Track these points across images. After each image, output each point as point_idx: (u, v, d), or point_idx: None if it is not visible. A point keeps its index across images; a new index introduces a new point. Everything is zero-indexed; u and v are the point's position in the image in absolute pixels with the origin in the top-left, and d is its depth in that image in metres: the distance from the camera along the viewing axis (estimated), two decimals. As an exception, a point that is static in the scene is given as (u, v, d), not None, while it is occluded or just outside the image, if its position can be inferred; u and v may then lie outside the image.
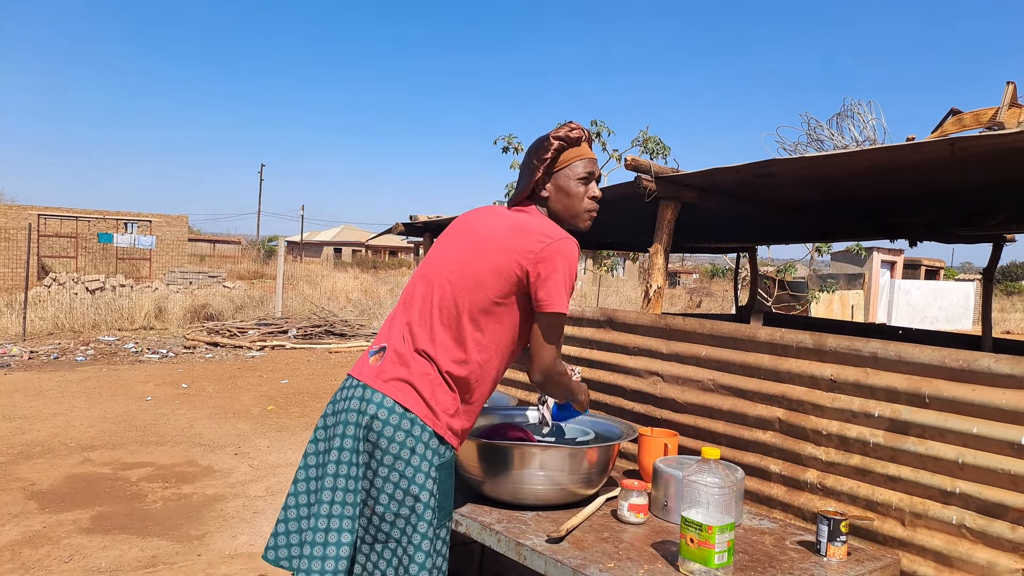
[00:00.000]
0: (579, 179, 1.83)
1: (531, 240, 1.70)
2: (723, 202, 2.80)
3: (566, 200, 1.83)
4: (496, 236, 1.75)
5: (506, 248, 1.71)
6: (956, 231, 3.50)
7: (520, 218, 1.79)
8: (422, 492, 1.61)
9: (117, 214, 23.93)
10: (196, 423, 6.50)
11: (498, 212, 1.87)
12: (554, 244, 1.69)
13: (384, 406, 1.64)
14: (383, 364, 1.70)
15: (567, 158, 1.83)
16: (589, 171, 1.85)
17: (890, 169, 2.20)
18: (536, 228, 1.73)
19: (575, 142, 1.84)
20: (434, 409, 1.66)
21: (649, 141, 11.10)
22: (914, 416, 1.88)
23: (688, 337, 2.45)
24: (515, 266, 1.69)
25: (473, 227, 1.83)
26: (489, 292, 1.70)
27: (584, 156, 1.85)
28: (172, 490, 4.71)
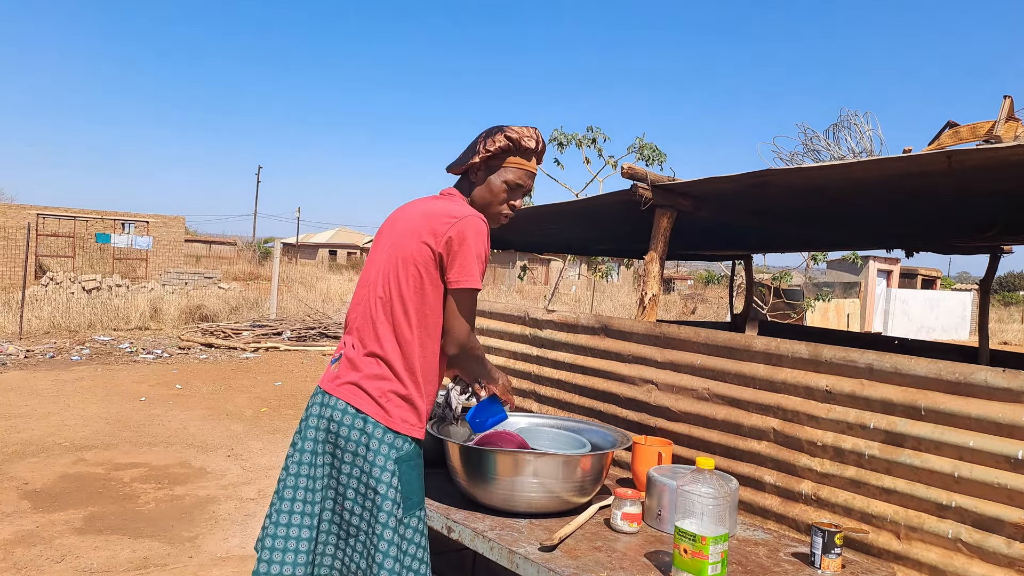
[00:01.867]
0: (508, 186, 1.86)
1: (438, 222, 1.75)
2: (719, 211, 2.80)
3: (487, 195, 1.87)
4: (409, 226, 1.80)
5: (417, 233, 1.77)
6: (953, 242, 3.50)
7: (434, 204, 1.83)
8: (379, 484, 1.70)
9: (114, 214, 23.89)
10: (189, 424, 6.47)
11: (418, 202, 1.91)
12: (459, 223, 1.73)
13: (338, 408, 1.77)
14: (339, 370, 1.83)
15: (509, 161, 1.85)
16: (521, 183, 1.87)
17: (887, 180, 2.20)
18: (444, 210, 1.78)
19: (524, 152, 1.87)
20: (385, 407, 1.76)
21: (645, 148, 11.10)
22: (910, 428, 1.88)
23: (683, 345, 2.44)
24: (427, 250, 1.75)
25: (393, 221, 1.90)
26: (413, 280, 1.77)
27: (524, 168, 1.87)
28: (165, 491, 4.68)
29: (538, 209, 3.36)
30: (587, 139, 11.48)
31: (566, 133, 11.40)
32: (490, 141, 1.85)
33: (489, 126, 1.92)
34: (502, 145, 1.83)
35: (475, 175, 1.87)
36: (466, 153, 1.90)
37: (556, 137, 11.32)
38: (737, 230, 3.37)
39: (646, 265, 2.63)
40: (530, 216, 3.56)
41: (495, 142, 1.84)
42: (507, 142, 1.83)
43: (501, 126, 1.89)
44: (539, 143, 1.88)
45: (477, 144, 1.87)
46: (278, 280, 15.57)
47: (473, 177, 1.88)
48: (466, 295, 1.76)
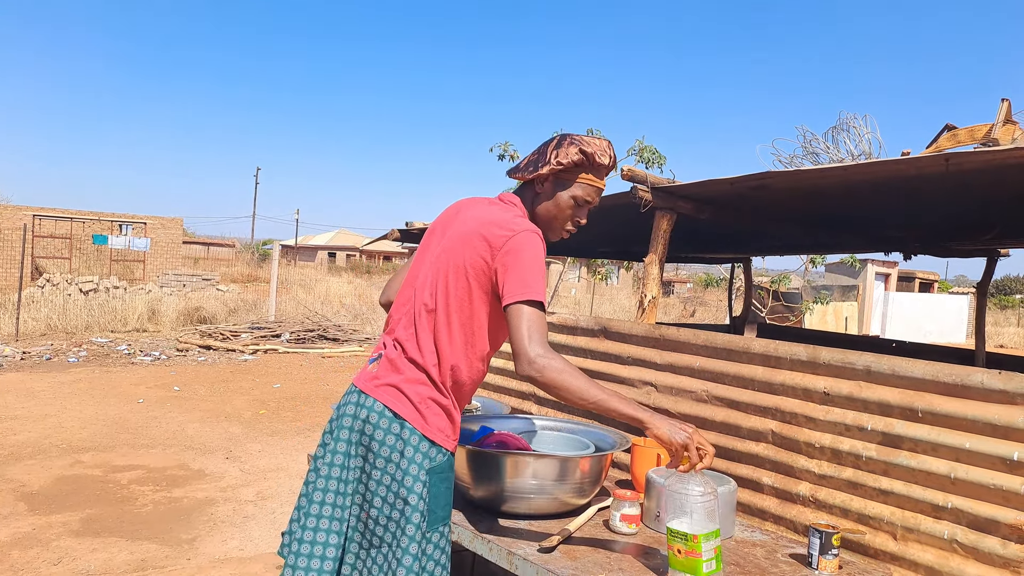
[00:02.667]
0: (576, 202, 1.78)
1: (495, 233, 1.65)
2: (718, 213, 2.81)
3: (553, 210, 1.78)
4: (464, 230, 1.71)
5: (471, 241, 1.68)
6: (950, 245, 3.51)
7: (492, 211, 1.73)
8: (410, 495, 1.62)
9: (112, 215, 23.87)
10: (187, 426, 6.47)
11: (476, 203, 1.81)
12: (516, 237, 1.63)
13: (375, 410, 1.68)
14: (378, 371, 1.74)
15: (581, 178, 1.77)
16: (590, 200, 1.79)
17: (885, 183, 2.21)
18: (501, 221, 1.67)
19: (596, 169, 1.78)
20: (424, 414, 1.67)
21: (645, 150, 11.13)
22: (907, 430, 1.88)
23: (682, 348, 2.45)
24: (480, 262, 1.65)
25: (448, 220, 1.81)
26: (462, 292, 1.68)
27: (595, 185, 1.79)
28: (162, 493, 4.68)
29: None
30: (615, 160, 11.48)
31: (565, 135, 11.41)
32: (562, 153, 1.74)
33: (559, 133, 1.81)
34: (576, 159, 1.73)
35: (541, 186, 1.78)
36: (534, 161, 1.79)
37: (555, 139, 11.34)
38: (737, 233, 3.38)
39: (646, 267, 2.63)
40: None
41: (568, 155, 1.73)
42: (581, 156, 1.73)
43: (573, 136, 1.78)
44: (612, 160, 1.79)
45: (548, 154, 1.76)
46: (277, 282, 15.57)
47: (539, 188, 1.78)
48: (524, 310, 1.57)
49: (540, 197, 1.79)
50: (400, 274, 1.99)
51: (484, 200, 1.84)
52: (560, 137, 1.79)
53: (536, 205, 1.80)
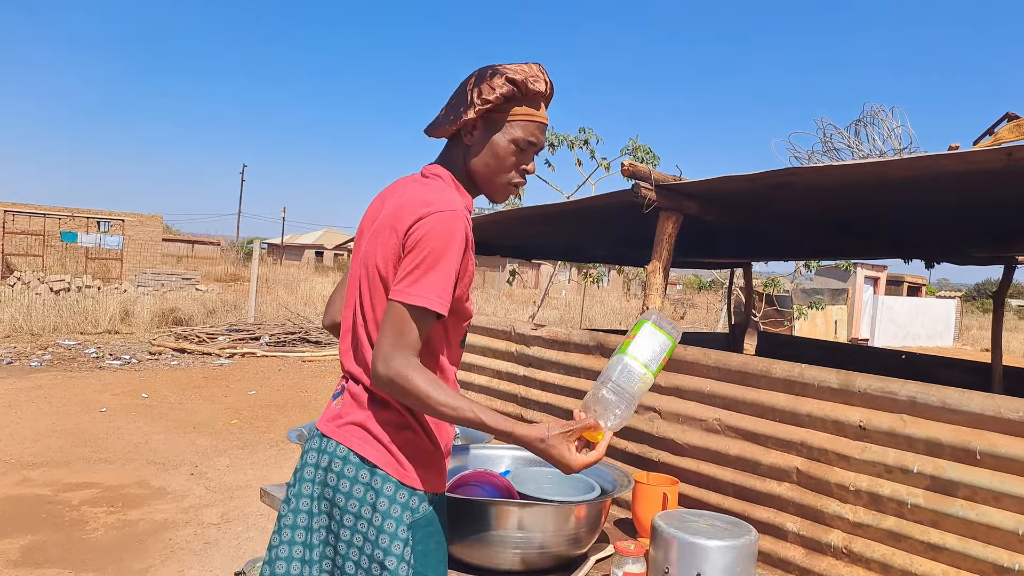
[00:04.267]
0: (518, 145, 1.43)
1: (403, 220, 1.34)
2: (729, 215, 2.51)
3: (491, 162, 1.44)
4: (379, 227, 1.40)
5: (383, 240, 1.37)
6: (973, 252, 3.25)
7: (409, 192, 1.41)
8: (388, 558, 1.31)
9: (88, 212, 23.29)
10: (152, 438, 6.09)
11: (399, 187, 1.48)
12: (425, 220, 1.31)
13: (338, 456, 1.38)
14: (342, 408, 1.43)
15: (515, 113, 1.42)
16: (534, 140, 1.44)
17: (928, 181, 1.92)
18: (416, 202, 1.35)
19: (532, 99, 1.42)
20: (397, 455, 1.37)
21: (639, 150, 10.84)
22: (962, 475, 1.59)
23: (690, 369, 2.15)
24: (394, 260, 1.35)
25: (374, 217, 1.48)
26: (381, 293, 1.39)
27: (536, 119, 1.44)
28: (117, 515, 4.31)
29: (528, 211, 3.06)
30: (579, 140, 11.17)
31: (557, 134, 11.10)
32: (486, 89, 1.39)
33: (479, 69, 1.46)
34: (505, 92, 1.39)
35: (470, 136, 1.43)
36: (452, 108, 1.45)
37: (547, 138, 11.04)
38: (742, 235, 3.09)
39: (648, 276, 2.33)
40: (520, 219, 3.26)
41: (494, 88, 1.39)
42: (511, 87, 1.39)
43: (495, 67, 1.43)
44: (548, 85, 1.45)
45: (467, 94, 1.42)
46: (259, 282, 15.15)
47: (468, 139, 1.44)
48: (402, 312, 1.29)
49: (472, 150, 1.45)
50: (341, 287, 1.67)
51: (407, 179, 1.51)
52: (479, 72, 1.44)
53: (468, 161, 1.46)
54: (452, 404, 1.28)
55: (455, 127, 1.45)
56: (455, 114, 1.44)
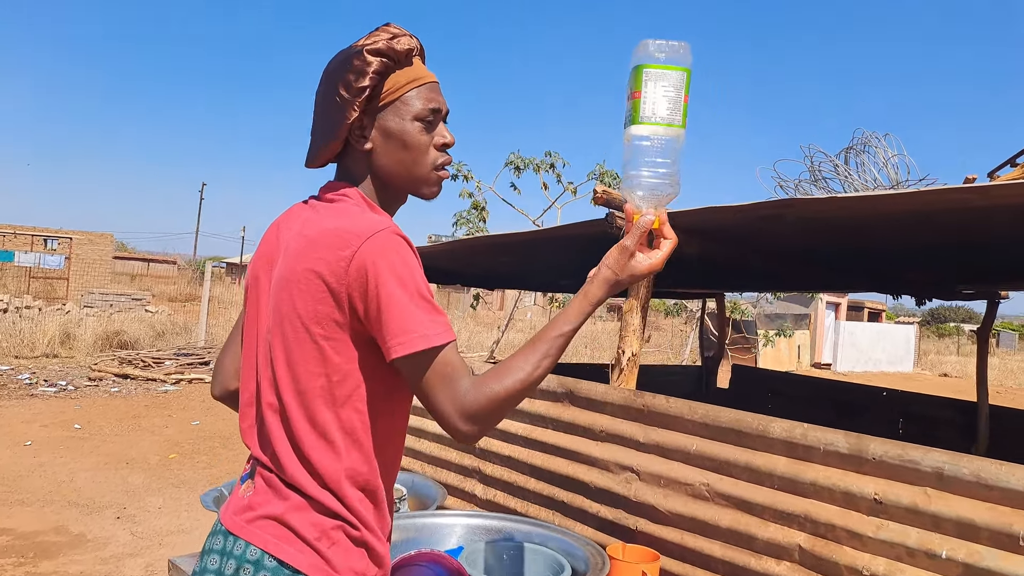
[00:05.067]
0: (419, 118, 1.17)
1: (329, 260, 1.07)
2: (710, 247, 2.26)
3: (402, 154, 1.18)
4: (289, 273, 1.12)
5: (302, 286, 1.09)
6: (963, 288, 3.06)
7: (315, 219, 1.15)
8: None
9: (33, 230, 22.33)
10: (78, 475, 5.59)
11: (293, 216, 1.22)
12: (364, 249, 1.06)
13: (248, 560, 1.07)
14: (252, 496, 1.13)
15: (396, 84, 1.16)
16: (436, 106, 1.19)
17: (940, 214, 1.69)
18: (333, 235, 1.09)
19: (406, 60, 1.17)
20: (326, 555, 1.07)
21: (606, 175, 10.67)
22: (1003, 564, 1.34)
23: (673, 423, 1.87)
24: (323, 309, 1.08)
25: (270, 258, 1.20)
26: (312, 364, 1.09)
27: (423, 79, 1.18)
28: (25, 568, 3.84)
29: (493, 239, 2.77)
30: (545, 164, 10.97)
31: (523, 157, 10.89)
32: (355, 74, 1.14)
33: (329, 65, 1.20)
34: (376, 67, 1.14)
35: (362, 140, 1.17)
36: (325, 119, 1.18)
37: (513, 161, 10.81)
38: (723, 267, 2.85)
39: (624, 316, 2.05)
40: (483, 247, 2.97)
41: (364, 69, 1.13)
42: (379, 59, 1.14)
43: (347, 50, 1.17)
44: (412, 38, 1.19)
45: (336, 91, 1.15)
46: (212, 303, 14.55)
47: (361, 144, 1.17)
48: (422, 363, 1.05)
49: (373, 154, 1.19)
50: (231, 346, 1.35)
51: (305, 209, 1.22)
52: (334, 65, 1.18)
53: (377, 167, 1.19)
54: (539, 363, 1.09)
55: (339, 139, 1.17)
56: (332, 124, 1.17)
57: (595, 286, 1.12)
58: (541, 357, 1.08)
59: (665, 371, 4.68)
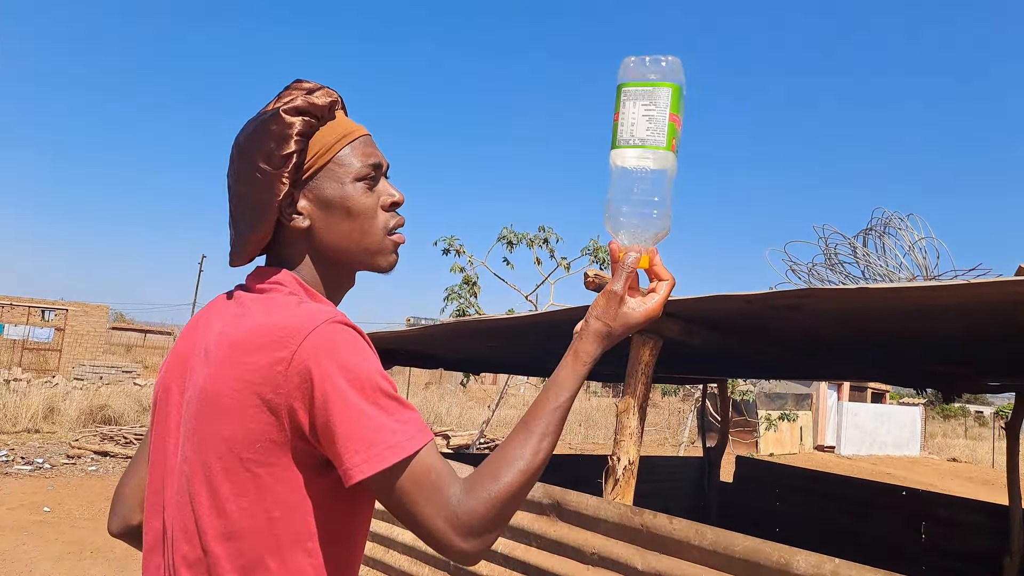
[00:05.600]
0: (360, 177, 0.99)
1: (262, 366, 0.87)
2: (719, 338, 2.04)
3: (348, 224, 0.99)
4: (211, 387, 0.90)
5: (230, 404, 0.88)
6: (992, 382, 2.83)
7: (245, 323, 0.93)
8: None
9: (28, 300, 22.20)
10: (38, 566, 5.19)
11: (213, 315, 1.00)
12: (300, 352, 0.86)
13: None
14: None
15: (324, 144, 0.98)
16: (373, 160, 1.01)
17: (987, 306, 1.47)
18: (265, 334, 0.89)
19: (327, 113, 1.00)
20: None
21: (600, 251, 10.58)
22: None
23: (677, 549, 1.60)
24: (258, 428, 0.86)
25: (184, 368, 0.99)
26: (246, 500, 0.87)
27: (353, 134, 1.01)
28: None
29: (476, 324, 2.55)
30: (539, 239, 10.89)
31: (516, 232, 10.82)
32: (275, 143, 0.95)
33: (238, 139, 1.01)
34: (300, 128, 0.95)
35: (295, 216, 0.98)
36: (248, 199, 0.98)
37: (506, 236, 10.74)
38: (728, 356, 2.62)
39: (619, 416, 1.81)
40: (466, 332, 2.75)
41: (286, 133, 0.95)
42: (302, 118, 0.96)
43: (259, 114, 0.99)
44: (331, 90, 1.02)
45: (256, 165, 0.96)
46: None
47: (296, 222, 0.98)
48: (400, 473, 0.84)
49: (314, 228, 1.00)
50: (133, 474, 1.12)
51: (229, 304, 1.00)
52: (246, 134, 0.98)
53: (319, 245, 1.00)
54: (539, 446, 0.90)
55: (269, 223, 0.97)
56: (258, 207, 0.97)
57: (586, 342, 0.94)
58: (539, 438, 0.90)
59: (664, 463, 4.37)
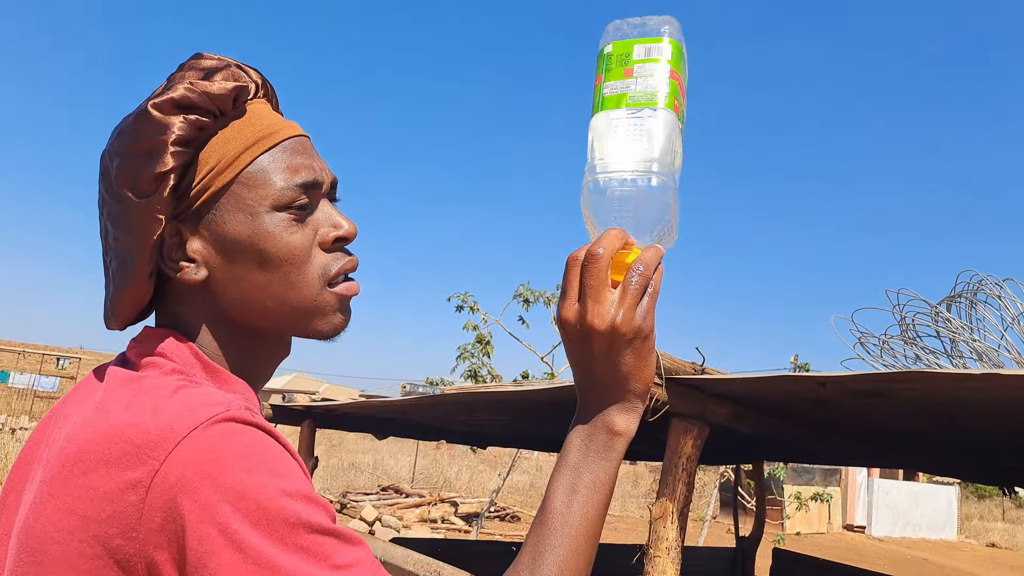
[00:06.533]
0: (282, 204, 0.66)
1: (114, 477, 0.54)
2: (772, 424, 1.66)
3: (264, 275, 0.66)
4: (48, 499, 0.57)
5: (66, 528, 0.55)
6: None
7: (101, 410, 0.59)
8: None
9: (44, 348, 22.20)
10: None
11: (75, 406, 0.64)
12: (171, 464, 0.53)
13: None
14: None
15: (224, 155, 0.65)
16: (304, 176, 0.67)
17: None
18: (119, 432, 0.56)
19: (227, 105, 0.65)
20: None
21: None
22: None
23: None
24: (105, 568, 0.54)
25: (30, 462, 0.65)
26: None
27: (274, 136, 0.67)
28: None
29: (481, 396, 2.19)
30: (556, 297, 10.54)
31: (532, 289, 10.50)
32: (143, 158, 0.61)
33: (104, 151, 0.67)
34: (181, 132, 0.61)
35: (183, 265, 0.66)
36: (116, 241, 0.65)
37: (522, 293, 10.42)
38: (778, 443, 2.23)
39: (653, 524, 1.43)
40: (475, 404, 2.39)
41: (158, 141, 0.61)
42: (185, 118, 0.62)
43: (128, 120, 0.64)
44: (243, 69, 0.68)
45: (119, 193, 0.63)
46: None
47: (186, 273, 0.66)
48: None
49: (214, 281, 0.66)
50: None
51: (96, 387, 0.64)
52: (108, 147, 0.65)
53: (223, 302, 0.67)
54: None
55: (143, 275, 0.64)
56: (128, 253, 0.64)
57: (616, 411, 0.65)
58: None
59: (691, 555, 3.90)
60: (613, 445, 0.64)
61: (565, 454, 0.66)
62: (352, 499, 12.47)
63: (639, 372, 0.63)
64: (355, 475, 15.64)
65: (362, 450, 19.07)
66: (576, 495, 0.63)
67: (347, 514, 11.61)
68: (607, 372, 0.63)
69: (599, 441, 0.64)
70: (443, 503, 12.69)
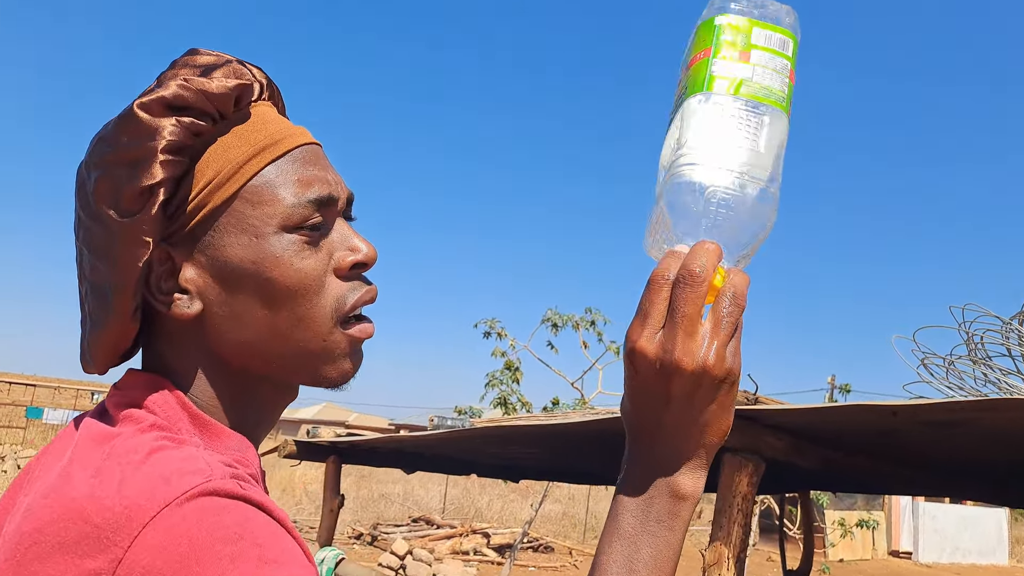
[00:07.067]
0: (291, 225, 0.56)
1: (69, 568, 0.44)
2: (833, 457, 1.53)
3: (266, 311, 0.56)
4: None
5: None
6: None
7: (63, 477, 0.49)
8: None
9: (78, 383, 22.51)
10: None
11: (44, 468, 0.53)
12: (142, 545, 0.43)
13: None
14: None
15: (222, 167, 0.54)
16: (317, 191, 0.57)
17: None
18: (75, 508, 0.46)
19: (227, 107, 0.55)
20: None
21: (651, 336, 10.02)
22: None
23: None
24: None
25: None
26: None
27: (282, 144, 0.57)
28: None
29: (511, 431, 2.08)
30: (585, 321, 10.43)
31: (561, 314, 10.40)
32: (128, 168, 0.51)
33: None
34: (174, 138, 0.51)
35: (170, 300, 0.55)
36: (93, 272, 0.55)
37: (550, 318, 10.32)
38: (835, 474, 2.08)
39: (706, 572, 1.30)
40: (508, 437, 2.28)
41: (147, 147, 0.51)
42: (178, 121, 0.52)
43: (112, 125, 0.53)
44: (242, 64, 0.58)
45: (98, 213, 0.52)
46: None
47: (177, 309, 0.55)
48: None
49: (210, 317, 0.56)
50: None
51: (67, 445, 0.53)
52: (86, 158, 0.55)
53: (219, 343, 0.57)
54: None
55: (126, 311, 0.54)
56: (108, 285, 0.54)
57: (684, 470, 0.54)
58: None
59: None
60: (678, 512, 0.53)
61: (617, 520, 0.54)
62: (383, 531, 12.33)
63: (718, 423, 0.53)
64: (385, 506, 15.49)
65: (392, 480, 18.92)
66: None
67: (378, 547, 11.47)
68: (683, 420, 0.52)
69: (661, 507, 0.53)
70: (475, 534, 12.49)
